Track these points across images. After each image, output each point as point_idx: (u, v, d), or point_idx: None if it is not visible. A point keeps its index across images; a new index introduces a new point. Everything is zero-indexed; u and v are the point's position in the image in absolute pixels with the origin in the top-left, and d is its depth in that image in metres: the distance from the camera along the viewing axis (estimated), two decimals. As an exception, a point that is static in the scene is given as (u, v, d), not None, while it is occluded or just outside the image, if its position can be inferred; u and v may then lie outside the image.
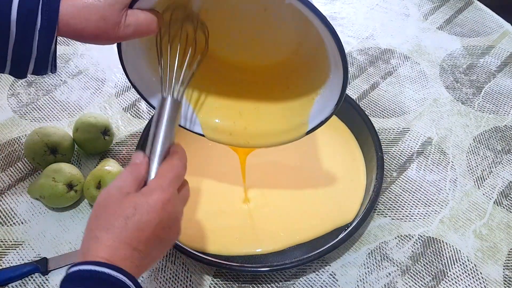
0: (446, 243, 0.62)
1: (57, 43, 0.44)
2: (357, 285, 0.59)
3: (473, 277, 0.59)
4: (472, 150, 0.71)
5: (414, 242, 0.62)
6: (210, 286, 0.59)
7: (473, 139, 0.72)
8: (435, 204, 0.65)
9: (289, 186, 0.67)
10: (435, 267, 0.60)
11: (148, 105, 0.58)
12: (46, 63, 0.45)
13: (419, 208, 0.65)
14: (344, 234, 0.58)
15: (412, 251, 0.61)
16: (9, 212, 0.65)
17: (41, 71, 0.46)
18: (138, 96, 0.77)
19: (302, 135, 0.55)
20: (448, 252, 0.61)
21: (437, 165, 0.69)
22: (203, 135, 0.58)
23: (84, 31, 0.43)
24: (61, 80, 0.81)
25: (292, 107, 0.56)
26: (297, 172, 0.69)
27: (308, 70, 0.56)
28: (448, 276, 0.59)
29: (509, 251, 0.61)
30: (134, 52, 0.52)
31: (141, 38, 0.47)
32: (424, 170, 0.69)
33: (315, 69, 0.54)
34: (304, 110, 0.55)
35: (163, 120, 0.46)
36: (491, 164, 0.69)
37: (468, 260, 0.60)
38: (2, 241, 0.63)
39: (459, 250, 0.61)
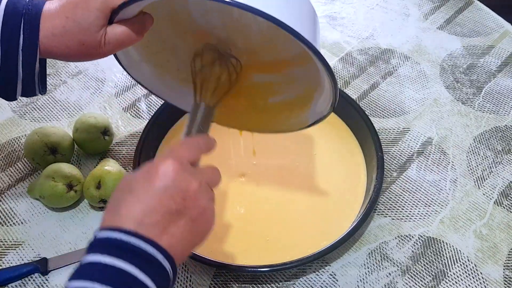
0: (446, 243, 0.62)
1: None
2: (357, 285, 0.58)
3: (473, 277, 0.59)
4: (472, 150, 0.71)
5: (414, 242, 0.62)
6: (210, 286, 0.59)
7: (474, 139, 0.72)
8: (435, 204, 0.65)
9: (288, 187, 0.67)
10: (435, 267, 0.60)
11: (147, 104, 0.61)
12: (33, 85, 0.47)
13: (419, 208, 0.65)
14: (344, 234, 0.58)
15: (413, 251, 0.61)
16: (9, 212, 0.65)
17: (29, 93, 0.48)
18: (138, 96, 0.78)
19: (298, 129, 0.59)
20: (448, 252, 0.61)
21: (437, 165, 0.69)
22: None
23: (67, 55, 0.45)
24: (61, 80, 0.81)
25: (292, 103, 0.59)
26: (296, 173, 0.68)
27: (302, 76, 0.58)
28: (448, 276, 0.59)
29: (510, 251, 0.61)
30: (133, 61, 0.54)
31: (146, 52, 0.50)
32: (424, 170, 0.69)
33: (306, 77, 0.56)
34: (303, 108, 0.58)
35: (196, 123, 0.50)
36: (492, 164, 0.69)
37: (468, 260, 0.60)
38: (1, 241, 0.63)
39: (459, 250, 0.61)
